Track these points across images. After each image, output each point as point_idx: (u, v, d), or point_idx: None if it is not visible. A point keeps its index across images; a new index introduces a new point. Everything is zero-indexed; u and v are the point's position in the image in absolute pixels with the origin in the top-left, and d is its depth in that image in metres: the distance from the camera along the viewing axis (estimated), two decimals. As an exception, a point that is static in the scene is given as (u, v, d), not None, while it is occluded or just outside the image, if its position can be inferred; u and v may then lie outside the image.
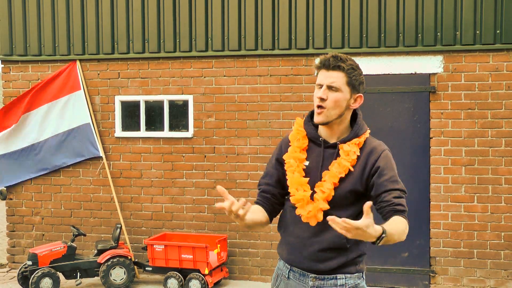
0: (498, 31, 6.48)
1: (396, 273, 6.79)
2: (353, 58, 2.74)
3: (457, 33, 6.57)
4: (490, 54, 6.52)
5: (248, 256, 7.18)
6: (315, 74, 2.75)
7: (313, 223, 2.62)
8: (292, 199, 2.67)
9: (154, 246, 6.73)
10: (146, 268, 6.89)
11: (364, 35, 6.76)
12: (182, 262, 6.62)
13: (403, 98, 6.75)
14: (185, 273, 6.65)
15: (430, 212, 6.71)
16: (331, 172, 2.61)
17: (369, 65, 6.78)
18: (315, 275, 2.64)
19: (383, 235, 2.30)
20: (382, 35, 6.73)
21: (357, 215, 2.55)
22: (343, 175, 2.60)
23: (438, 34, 6.60)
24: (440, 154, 6.67)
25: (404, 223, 2.49)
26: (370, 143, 2.67)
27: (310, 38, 6.90)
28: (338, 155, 2.65)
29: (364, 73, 2.78)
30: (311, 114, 2.75)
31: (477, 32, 6.52)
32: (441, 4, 6.59)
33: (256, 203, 2.77)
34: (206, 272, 6.51)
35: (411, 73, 6.71)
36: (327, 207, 2.59)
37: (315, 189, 2.63)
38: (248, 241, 7.17)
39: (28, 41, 7.66)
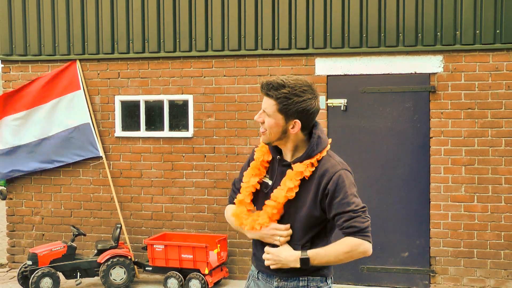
0: (498, 31, 6.48)
1: (396, 273, 6.79)
2: (353, 58, 2.75)
3: (457, 33, 6.57)
4: (490, 54, 6.52)
5: (248, 256, 7.17)
6: None
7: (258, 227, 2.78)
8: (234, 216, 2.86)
9: (154, 246, 6.73)
10: (146, 268, 6.89)
11: (364, 35, 6.76)
12: (182, 262, 6.62)
13: (403, 98, 6.75)
14: (185, 273, 6.65)
15: (430, 212, 6.71)
16: (275, 193, 2.70)
17: (369, 65, 6.78)
18: (279, 276, 2.77)
19: (305, 256, 2.60)
20: (382, 35, 6.73)
21: (319, 235, 2.72)
22: (283, 199, 2.67)
23: (438, 34, 6.61)
24: (440, 154, 6.67)
25: (349, 242, 2.59)
26: (324, 164, 2.67)
27: (310, 38, 6.90)
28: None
29: (364, 73, 2.80)
30: None
31: (477, 32, 6.52)
32: (441, 4, 6.59)
33: (231, 202, 2.95)
34: (206, 272, 6.51)
35: (411, 73, 6.71)
36: (266, 221, 2.71)
37: (265, 204, 2.76)
38: (248, 241, 7.17)
39: (28, 41, 7.66)
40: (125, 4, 7.37)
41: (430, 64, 6.66)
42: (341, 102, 6.86)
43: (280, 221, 2.71)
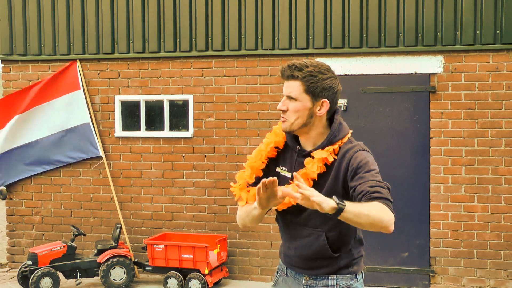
0: (498, 31, 6.48)
1: (396, 273, 6.79)
2: (353, 58, 2.74)
3: (457, 33, 6.57)
4: (490, 54, 6.52)
5: (248, 256, 7.18)
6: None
7: (242, 204, 2.69)
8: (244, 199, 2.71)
9: (154, 246, 6.73)
10: (146, 268, 6.89)
11: (364, 35, 6.76)
12: (182, 262, 6.62)
13: (403, 98, 6.75)
14: (185, 273, 6.65)
15: (430, 212, 6.71)
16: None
17: (369, 65, 6.78)
18: (308, 275, 2.72)
19: (341, 206, 2.25)
20: (382, 35, 6.73)
21: (340, 224, 2.53)
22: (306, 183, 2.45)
23: (438, 34, 6.61)
24: (440, 154, 6.67)
25: (381, 207, 2.35)
26: (344, 147, 2.59)
27: (310, 38, 6.90)
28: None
29: (364, 73, 2.79)
30: None
31: (477, 32, 6.52)
32: (441, 4, 6.59)
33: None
34: (206, 272, 6.51)
35: (411, 73, 6.71)
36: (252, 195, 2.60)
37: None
38: (248, 241, 7.17)
39: (28, 41, 7.66)
40: (125, 4, 7.37)
41: (430, 64, 6.66)
42: (341, 102, 6.86)
43: (301, 208, 2.47)
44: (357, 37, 6.77)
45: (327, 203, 2.24)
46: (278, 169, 2.71)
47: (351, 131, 2.69)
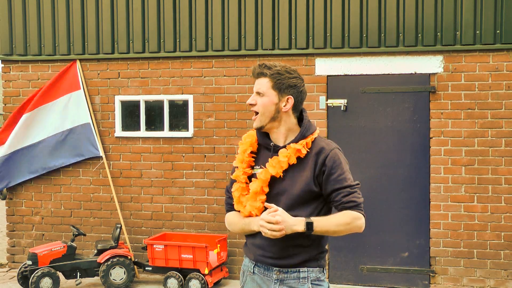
0: (498, 31, 6.48)
1: (396, 273, 6.79)
2: (353, 58, 2.80)
3: (457, 33, 6.57)
4: (490, 54, 6.52)
5: (248, 256, 7.17)
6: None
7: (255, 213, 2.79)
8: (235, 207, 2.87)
9: (154, 246, 6.73)
10: (146, 268, 6.89)
11: (364, 35, 6.76)
12: (182, 262, 6.62)
13: (403, 98, 6.75)
14: (185, 273, 6.65)
15: (430, 212, 6.71)
16: (263, 170, 2.76)
17: (369, 65, 6.78)
18: (279, 269, 2.77)
19: (309, 231, 2.60)
20: (382, 35, 6.73)
21: (317, 214, 2.74)
22: (275, 171, 2.72)
23: (438, 34, 6.61)
24: (440, 154, 6.67)
25: (350, 214, 2.68)
26: (319, 143, 2.78)
27: (310, 38, 6.90)
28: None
29: (364, 73, 2.86)
30: None
31: (477, 32, 6.52)
32: (441, 4, 6.59)
33: (229, 210, 2.96)
34: (206, 272, 6.51)
35: (411, 73, 6.71)
36: (257, 207, 2.76)
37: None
38: (248, 241, 7.16)
39: (28, 41, 7.66)
40: (125, 4, 7.37)
41: (430, 64, 6.66)
42: (341, 102, 6.86)
43: (277, 199, 2.73)
44: (357, 37, 6.77)
45: (297, 228, 2.61)
46: (254, 171, 2.84)
47: (318, 129, 2.89)
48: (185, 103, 7.35)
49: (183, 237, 7.14)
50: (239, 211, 2.85)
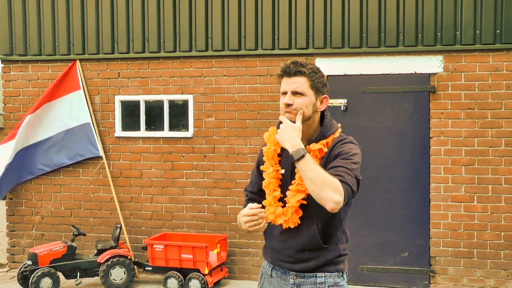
0: (498, 31, 6.48)
1: (396, 273, 6.79)
2: (353, 58, 2.78)
3: (457, 33, 6.57)
4: (490, 54, 6.52)
5: (248, 256, 7.18)
6: (279, 83, 2.78)
7: (292, 226, 2.70)
8: (267, 217, 2.73)
9: (154, 246, 6.73)
10: (146, 268, 6.89)
11: (364, 35, 6.76)
12: (182, 262, 6.62)
13: (403, 98, 6.75)
14: (185, 273, 6.65)
15: (430, 212, 6.71)
16: (297, 178, 2.65)
17: (369, 65, 6.78)
18: (296, 273, 2.73)
19: (303, 152, 2.46)
20: (382, 35, 6.73)
21: (329, 215, 2.62)
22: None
23: (438, 34, 6.61)
24: (440, 154, 6.67)
25: (336, 181, 2.43)
26: (335, 140, 2.70)
27: (310, 38, 6.90)
28: None
29: (363, 73, 2.83)
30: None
31: (477, 32, 6.52)
32: (441, 4, 6.59)
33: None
34: (206, 272, 6.51)
35: (411, 73, 6.71)
36: (298, 221, 2.66)
37: (286, 197, 2.69)
38: (248, 241, 7.17)
39: (28, 41, 7.66)
40: (125, 4, 7.37)
41: (430, 64, 6.66)
42: (341, 102, 6.86)
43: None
44: (357, 37, 6.77)
45: (287, 146, 2.52)
46: (281, 171, 2.76)
47: (340, 126, 2.80)
48: (185, 103, 7.35)
49: (183, 237, 7.14)
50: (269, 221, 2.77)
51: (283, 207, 2.70)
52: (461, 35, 6.55)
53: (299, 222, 2.67)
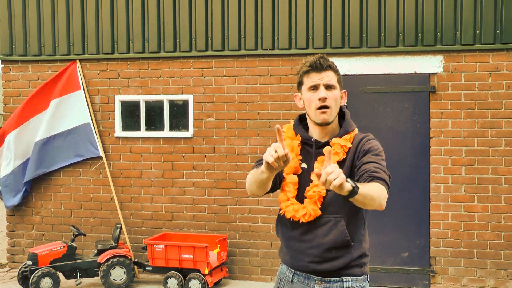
0: (498, 31, 6.48)
1: (396, 273, 6.79)
2: (353, 58, 2.79)
3: (457, 33, 6.57)
4: (490, 54, 6.52)
5: (248, 256, 7.18)
6: (298, 79, 2.74)
7: (311, 218, 2.64)
8: (285, 214, 2.68)
9: (154, 246, 6.73)
10: (146, 268, 6.89)
11: (364, 35, 6.76)
12: (182, 262, 6.62)
13: (403, 98, 6.75)
14: (185, 273, 6.65)
15: (430, 212, 6.71)
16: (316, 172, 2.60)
17: (369, 65, 6.78)
18: (321, 278, 2.64)
19: (356, 189, 2.28)
20: (382, 35, 6.73)
21: (357, 207, 2.57)
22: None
23: (438, 34, 6.61)
24: (440, 154, 6.67)
25: (380, 187, 2.44)
26: (358, 137, 2.71)
27: (310, 38, 6.90)
28: None
29: (364, 73, 2.84)
30: (300, 118, 2.80)
31: (477, 32, 6.52)
32: (441, 4, 6.59)
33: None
34: (206, 272, 6.51)
35: (411, 73, 6.71)
36: (318, 212, 2.61)
37: (305, 193, 2.65)
38: (248, 241, 7.17)
39: (28, 41, 7.66)
40: (125, 4, 7.37)
41: (430, 64, 6.66)
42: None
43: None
44: (357, 37, 6.77)
45: (346, 185, 2.27)
46: (303, 165, 2.72)
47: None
48: (185, 103, 7.35)
49: (183, 237, 7.14)
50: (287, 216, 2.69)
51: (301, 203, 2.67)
52: (461, 35, 6.55)
53: (319, 214, 2.61)
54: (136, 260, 7.06)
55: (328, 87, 2.64)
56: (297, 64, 6.92)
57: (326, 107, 2.63)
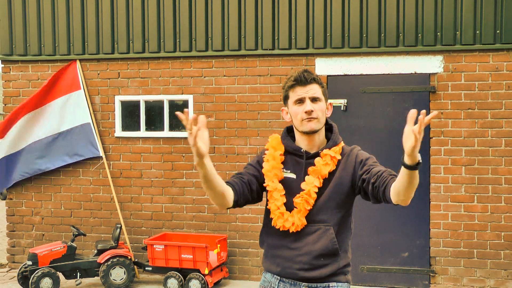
0: (498, 31, 6.48)
1: (396, 273, 6.79)
2: (353, 58, 2.81)
3: (457, 33, 6.57)
4: (490, 54, 6.52)
5: (248, 256, 7.18)
6: (284, 94, 2.80)
7: (299, 229, 2.69)
8: (273, 223, 2.72)
9: (154, 246, 6.73)
10: (146, 268, 6.89)
11: (364, 35, 6.76)
12: (182, 262, 6.62)
13: (403, 98, 6.75)
14: (185, 273, 6.65)
15: (430, 212, 6.71)
16: (307, 181, 2.69)
17: (369, 65, 6.78)
18: (308, 284, 2.69)
19: (420, 162, 2.53)
20: (382, 35, 6.73)
21: (346, 218, 2.72)
22: (319, 182, 2.68)
23: (438, 34, 6.61)
24: (440, 154, 6.67)
25: None
26: (345, 150, 2.81)
27: (310, 38, 6.90)
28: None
29: (364, 73, 2.87)
30: (287, 130, 2.85)
31: (477, 32, 6.52)
32: (441, 4, 6.59)
33: (227, 182, 2.70)
34: (206, 272, 6.51)
35: (411, 73, 6.71)
36: (304, 222, 2.67)
37: (294, 200, 2.69)
38: (248, 241, 7.17)
39: (28, 41, 7.66)
40: (125, 4, 7.37)
41: (430, 64, 6.66)
42: (341, 102, 6.86)
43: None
44: (357, 37, 6.77)
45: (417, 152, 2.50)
46: (283, 173, 2.76)
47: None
48: (185, 103, 7.35)
49: (183, 237, 7.14)
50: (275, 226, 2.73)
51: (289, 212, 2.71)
52: (461, 35, 6.55)
53: (305, 224, 2.67)
54: (136, 260, 7.06)
55: (314, 99, 2.71)
56: (297, 64, 6.93)
57: (312, 118, 2.70)
